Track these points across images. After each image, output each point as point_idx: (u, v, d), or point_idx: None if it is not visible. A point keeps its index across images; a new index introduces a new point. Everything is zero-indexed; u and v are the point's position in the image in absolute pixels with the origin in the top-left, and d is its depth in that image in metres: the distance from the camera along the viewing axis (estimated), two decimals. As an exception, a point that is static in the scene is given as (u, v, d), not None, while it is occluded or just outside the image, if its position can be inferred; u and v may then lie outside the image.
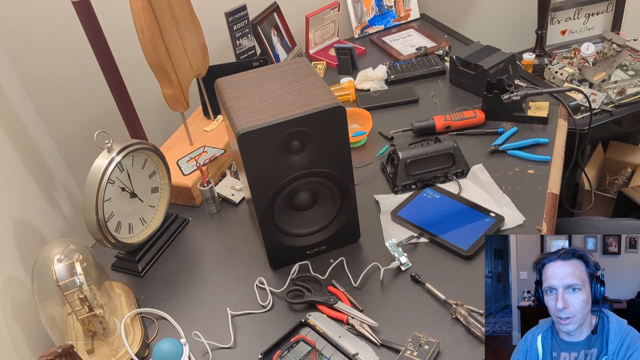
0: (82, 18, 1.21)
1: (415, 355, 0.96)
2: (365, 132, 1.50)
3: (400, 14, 2.10)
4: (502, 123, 1.50)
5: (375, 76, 1.76)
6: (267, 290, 1.14)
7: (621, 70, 1.94)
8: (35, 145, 1.50)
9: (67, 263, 1.03)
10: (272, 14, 1.84)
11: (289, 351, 1.01)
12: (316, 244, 1.17)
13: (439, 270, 1.13)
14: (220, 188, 1.42)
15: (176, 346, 1.02)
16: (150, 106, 1.70)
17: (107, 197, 1.11)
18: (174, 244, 1.32)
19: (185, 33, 1.38)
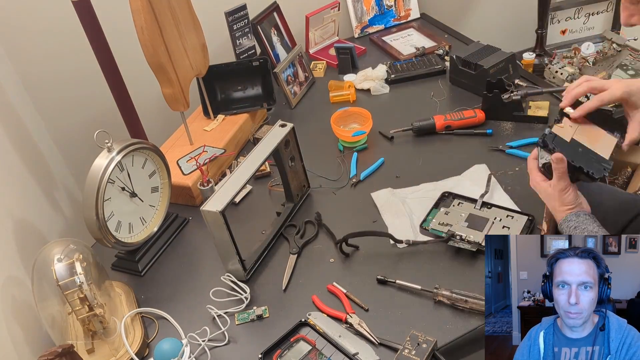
0: (82, 18, 1.21)
1: (413, 354, 0.96)
2: (365, 131, 1.50)
3: (400, 14, 2.10)
4: (502, 123, 1.50)
5: (375, 76, 1.76)
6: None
7: (621, 70, 1.93)
8: (35, 145, 1.50)
9: (67, 263, 1.03)
10: (272, 14, 1.84)
11: (289, 350, 1.01)
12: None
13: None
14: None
15: (177, 346, 1.02)
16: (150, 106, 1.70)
17: (107, 196, 1.11)
18: (174, 244, 1.32)
19: (185, 33, 1.38)
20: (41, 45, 1.58)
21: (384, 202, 1.31)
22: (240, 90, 1.64)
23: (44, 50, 1.59)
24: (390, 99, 1.71)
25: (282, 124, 1.28)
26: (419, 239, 1.20)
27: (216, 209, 1.07)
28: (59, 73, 1.64)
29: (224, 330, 1.07)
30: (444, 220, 1.22)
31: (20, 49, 1.55)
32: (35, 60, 1.59)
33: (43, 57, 1.60)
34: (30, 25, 1.54)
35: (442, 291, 1.06)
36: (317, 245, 1.25)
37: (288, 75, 1.72)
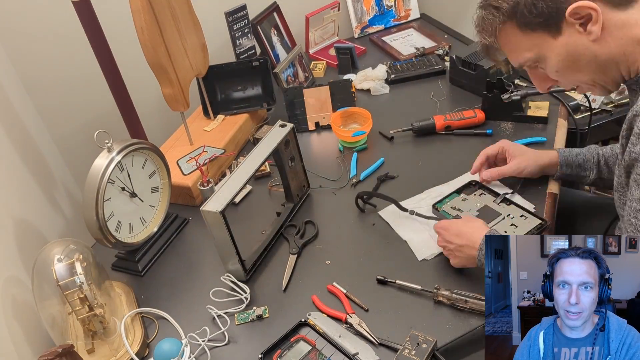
0: (82, 18, 1.21)
1: (413, 354, 0.96)
2: (365, 132, 1.50)
3: (400, 14, 2.10)
4: (502, 123, 1.50)
5: (375, 76, 1.76)
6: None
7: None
8: (35, 145, 1.50)
9: (67, 263, 1.03)
10: (272, 14, 1.84)
11: (289, 351, 1.01)
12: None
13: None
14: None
15: (177, 346, 1.02)
16: (150, 106, 1.70)
17: (107, 196, 1.11)
18: (174, 244, 1.32)
19: (185, 33, 1.38)
20: (42, 46, 1.58)
21: (394, 218, 1.27)
22: (240, 90, 1.64)
23: (45, 50, 1.59)
24: (390, 99, 1.71)
25: (282, 124, 1.28)
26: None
27: (216, 209, 1.07)
28: (59, 73, 1.64)
29: (224, 330, 1.07)
30: (457, 205, 1.25)
31: (21, 49, 1.55)
32: (35, 60, 1.59)
33: (43, 57, 1.60)
34: (31, 26, 1.54)
35: (442, 291, 1.06)
36: (317, 245, 1.25)
37: (288, 75, 1.72)
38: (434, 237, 1.18)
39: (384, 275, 1.12)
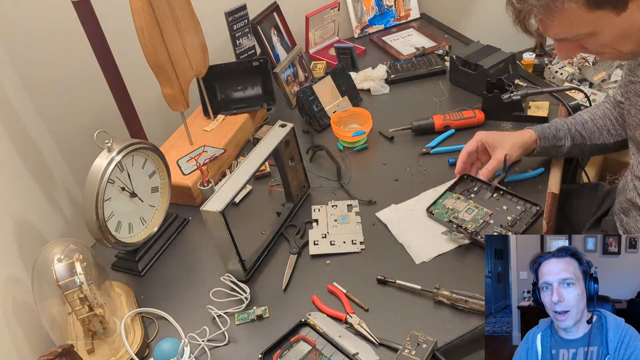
0: (82, 18, 1.21)
1: (413, 354, 0.96)
2: (365, 131, 1.50)
3: (400, 14, 2.10)
4: (502, 123, 1.50)
5: (375, 76, 1.76)
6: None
7: (621, 70, 1.93)
8: (35, 145, 1.50)
9: (67, 263, 1.03)
10: (272, 14, 1.84)
11: (289, 351, 1.01)
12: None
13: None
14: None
15: (177, 346, 1.02)
16: (150, 106, 1.70)
17: (107, 196, 1.11)
18: (174, 244, 1.32)
19: (185, 32, 1.38)
20: (42, 46, 1.58)
21: (391, 219, 1.27)
22: (240, 90, 1.64)
23: (45, 50, 1.59)
24: (390, 99, 1.71)
25: (282, 124, 1.28)
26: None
27: (216, 209, 1.07)
28: (59, 73, 1.64)
29: (224, 330, 1.07)
30: (452, 205, 1.25)
31: (20, 49, 1.55)
32: (35, 60, 1.59)
33: (43, 57, 1.60)
34: (31, 26, 1.54)
35: (442, 291, 1.06)
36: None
37: (288, 75, 1.72)
38: (431, 239, 1.19)
39: (384, 275, 1.12)
